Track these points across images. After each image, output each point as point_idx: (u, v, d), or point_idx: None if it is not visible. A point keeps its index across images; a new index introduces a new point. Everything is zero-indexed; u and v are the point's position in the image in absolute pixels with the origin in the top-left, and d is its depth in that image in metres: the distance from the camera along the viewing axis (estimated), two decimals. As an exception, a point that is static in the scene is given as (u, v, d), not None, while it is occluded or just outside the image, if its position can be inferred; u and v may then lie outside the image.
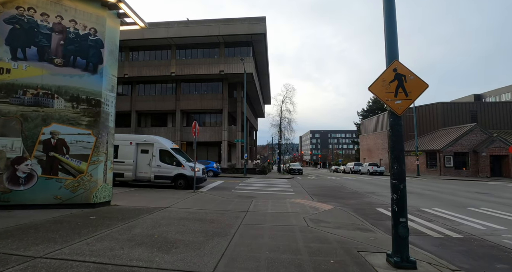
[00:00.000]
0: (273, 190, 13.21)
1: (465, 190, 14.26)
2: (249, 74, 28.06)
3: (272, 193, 11.96)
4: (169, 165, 11.97)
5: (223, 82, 30.49)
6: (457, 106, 34.09)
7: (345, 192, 13.13)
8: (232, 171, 26.70)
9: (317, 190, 13.94)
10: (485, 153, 26.61)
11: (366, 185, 16.76)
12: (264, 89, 47.32)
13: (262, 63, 36.46)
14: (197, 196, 9.66)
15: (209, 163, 21.34)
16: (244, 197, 9.97)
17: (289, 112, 39.86)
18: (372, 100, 57.43)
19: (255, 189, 13.55)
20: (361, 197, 11.36)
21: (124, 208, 7.08)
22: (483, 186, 17.62)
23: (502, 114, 32.90)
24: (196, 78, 30.25)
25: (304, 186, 15.97)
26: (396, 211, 3.55)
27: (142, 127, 32.02)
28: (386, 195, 12.02)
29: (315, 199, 10.41)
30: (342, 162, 61.32)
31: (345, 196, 11.65)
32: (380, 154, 41.61)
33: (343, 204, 9.32)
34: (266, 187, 14.48)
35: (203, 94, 30.77)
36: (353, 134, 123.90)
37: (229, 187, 13.90)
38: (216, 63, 28.61)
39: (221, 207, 7.64)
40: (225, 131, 29.62)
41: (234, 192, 11.71)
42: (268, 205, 8.24)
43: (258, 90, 38.94)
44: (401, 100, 3.60)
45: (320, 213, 7.13)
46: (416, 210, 8.43)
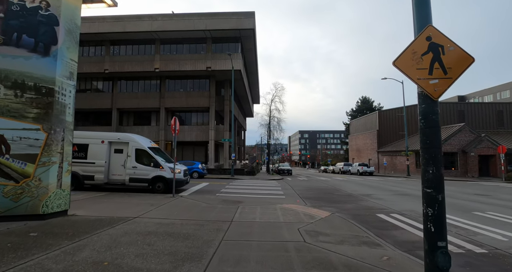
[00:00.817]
0: (262, 193, 12.18)
1: (462, 192, 13.71)
2: (237, 71, 26.96)
3: (261, 197, 10.92)
4: (146, 166, 10.71)
5: (210, 79, 29.24)
6: (445, 106, 34.21)
7: (339, 194, 12.26)
8: (219, 172, 25.51)
9: (309, 192, 13.02)
10: (474, 153, 26.62)
11: (359, 187, 16.01)
12: (253, 87, 46.30)
13: (251, 61, 35.43)
14: (176, 202, 8.48)
15: (194, 164, 20.10)
16: (230, 202, 8.87)
17: (279, 111, 39.06)
18: (360, 100, 57.53)
19: (242, 192, 12.47)
20: (357, 200, 10.49)
21: (82, 220, 5.85)
22: (476, 186, 17.26)
23: (488, 114, 33.27)
24: (181, 74, 28.85)
25: (295, 188, 15.03)
26: (431, 231, 2.58)
27: (124, 125, 30.28)
28: (383, 198, 11.23)
29: (308, 204, 9.45)
30: (331, 162, 61.12)
31: (340, 199, 10.76)
32: (369, 154, 41.42)
33: (340, 210, 8.40)
34: (255, 190, 13.43)
35: (189, 91, 29.41)
36: (341, 134, 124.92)
37: (214, 190, 12.76)
38: (202, 59, 27.34)
39: (202, 216, 6.52)
40: (212, 130, 28.40)
41: (219, 196, 10.59)
42: (256, 212, 7.19)
43: (246, 88, 37.88)
44: (438, 79, 2.63)
45: (316, 223, 6.13)
46: (420, 215, 7.57)
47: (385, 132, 38.00)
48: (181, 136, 29.14)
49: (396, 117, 36.81)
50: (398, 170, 32.94)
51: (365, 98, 56.76)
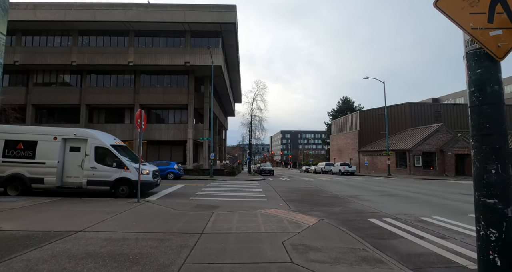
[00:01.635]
0: (242, 196, 11.11)
1: (448, 191, 13.44)
2: (217, 67, 25.71)
3: (240, 200, 9.85)
4: (108, 167, 9.27)
5: (189, 75, 27.74)
6: (423, 106, 34.96)
7: (324, 196, 11.46)
8: (198, 172, 24.12)
9: (292, 194, 12.13)
10: (451, 152, 27.17)
11: (343, 187, 15.38)
12: (234, 86, 45.12)
13: (232, 58, 34.24)
14: (139, 209, 7.21)
15: (169, 164, 18.65)
16: (204, 207, 7.73)
17: (260, 110, 38.07)
18: (341, 100, 58.06)
19: (220, 194, 11.33)
20: (344, 202, 9.71)
21: (5, 236, 4.49)
22: (458, 185, 17.25)
23: (462, 115, 34.33)
24: (158, 69, 27.11)
25: (277, 189, 14.11)
26: (496, 265, 1.64)
27: (95, 123, 28.02)
28: (370, 199, 10.55)
29: (292, 208, 8.51)
30: (312, 162, 61.23)
31: (326, 201, 9.94)
32: (350, 154, 41.61)
33: (328, 214, 7.53)
34: (234, 192, 12.33)
35: (166, 87, 27.72)
36: (322, 134, 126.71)
37: (188, 192, 11.51)
38: (181, 53, 25.79)
39: (166, 227, 5.35)
40: (191, 129, 26.93)
41: (192, 200, 9.39)
42: (233, 220, 6.11)
43: (228, 86, 36.65)
44: (502, 30, 1.71)
45: (304, 233, 5.17)
46: (416, 220, 6.89)
47: (366, 131, 38.26)
48: (158, 135, 27.46)
49: (376, 117, 37.14)
50: (378, 169, 33.15)
51: (346, 99, 57.35)
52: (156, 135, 27.55)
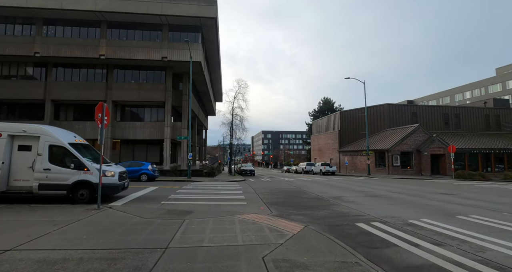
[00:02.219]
0: (220, 198, 10.29)
1: (428, 191, 13.40)
2: (196, 63, 24.63)
3: (217, 204, 9.02)
4: (64, 168, 8.09)
5: (166, 71, 26.39)
6: (400, 108, 35.84)
7: (307, 198, 10.91)
8: (175, 173, 22.89)
9: (274, 196, 11.47)
10: (427, 152, 27.91)
11: (326, 188, 14.98)
12: (215, 84, 44.02)
13: (213, 55, 33.19)
14: (97, 217, 6.20)
15: (142, 165, 17.38)
16: (175, 213, 6.84)
17: (242, 109, 37.18)
18: (322, 101, 58.62)
19: (196, 198, 10.43)
20: (329, 205, 9.19)
21: None
22: (436, 185, 17.47)
23: (436, 116, 35.58)
24: (133, 64, 25.53)
25: (258, 191, 13.40)
26: None
27: (62, 120, 25.88)
28: (354, 200, 10.13)
29: (274, 211, 7.83)
30: (294, 162, 61.34)
31: (309, 204, 9.36)
32: (330, 154, 41.89)
33: (312, 219, 6.92)
34: (211, 194, 11.47)
35: (142, 83, 26.17)
36: (303, 135, 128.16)
37: (161, 196, 10.50)
38: (158, 48, 24.41)
39: (124, 241, 4.44)
40: (168, 128, 25.61)
41: (163, 205, 8.44)
42: (206, 229, 5.31)
43: (208, 84, 35.53)
44: None
45: (288, 244, 4.48)
46: (405, 223, 6.44)
47: (346, 132, 38.64)
48: (132, 134, 25.87)
49: (356, 117, 37.60)
50: (358, 169, 33.50)
51: (326, 99, 57.98)
52: (131, 134, 25.97)
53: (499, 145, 30.97)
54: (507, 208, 8.57)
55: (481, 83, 58.60)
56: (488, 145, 30.50)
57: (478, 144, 30.74)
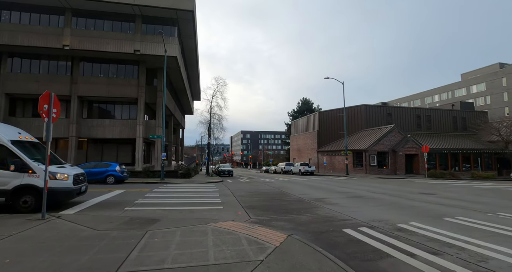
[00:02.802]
0: (193, 203, 9.34)
1: (407, 191, 13.33)
2: (172, 58, 23.29)
3: (190, 209, 8.09)
4: (2, 170, 6.77)
5: (139, 66, 24.76)
6: (377, 109, 36.68)
7: (288, 200, 10.27)
8: (147, 175, 21.41)
9: (253, 198, 10.72)
10: (402, 152, 28.65)
11: (307, 189, 14.49)
12: (193, 82, 42.46)
13: (190, 51, 31.83)
14: (37, 230, 5.06)
15: (109, 166, 15.87)
16: (138, 222, 5.86)
17: (220, 108, 36.07)
18: (301, 101, 58.96)
19: (166, 202, 9.40)
20: (311, 208, 8.60)
21: None
22: (412, 184, 17.66)
23: (409, 118, 36.84)
24: (102, 56, 23.61)
25: (236, 193, 12.59)
26: None
27: (18, 116, 23.38)
28: (337, 202, 9.64)
29: (253, 217, 7.07)
30: (272, 162, 61.11)
31: (291, 207, 8.71)
32: (309, 154, 42.02)
33: (295, 225, 6.25)
34: (184, 198, 10.48)
35: (112, 78, 24.32)
36: (282, 135, 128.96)
37: (126, 201, 9.35)
38: (130, 40, 22.72)
39: (58, 264, 3.45)
40: (141, 126, 24.01)
41: (126, 212, 7.37)
42: (172, 243, 4.42)
43: (185, 82, 34.08)
44: None
45: (269, 260, 3.73)
46: (394, 228, 5.96)
47: (325, 132, 38.90)
48: (101, 132, 23.95)
49: (335, 118, 37.97)
50: (337, 169, 33.76)
51: (305, 100, 58.40)
52: (99, 132, 24.03)
53: (466, 145, 32.63)
54: (488, 208, 8.48)
55: (448, 87, 62.09)
56: (456, 146, 32.00)
57: (447, 144, 32.16)
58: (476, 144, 33.46)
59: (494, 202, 9.90)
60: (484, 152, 32.16)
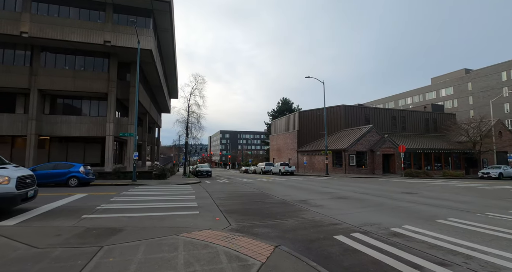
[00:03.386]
0: (166, 208, 8.34)
1: (390, 190, 13.17)
2: (146, 51, 21.83)
3: (161, 215, 7.11)
4: None
5: (110, 58, 22.98)
6: (355, 109, 37.24)
7: (271, 202, 9.56)
8: (118, 176, 19.80)
9: (232, 201, 9.89)
10: (379, 152, 29.16)
11: (289, 190, 13.90)
12: (170, 79, 40.69)
13: (167, 45, 30.27)
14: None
15: (71, 167, 14.26)
16: (94, 235, 4.83)
17: (198, 106, 34.71)
18: (281, 101, 58.88)
19: (134, 207, 8.32)
20: (297, 211, 7.94)
21: None
22: (392, 183, 17.73)
23: (386, 119, 37.83)
24: (67, 46, 21.59)
25: (214, 195, 11.68)
26: None
27: (-34, 111, 20.69)
28: (323, 204, 9.09)
29: (233, 223, 6.27)
30: (252, 162, 60.45)
31: (275, 210, 8.00)
32: (289, 154, 41.84)
33: (282, 232, 5.53)
34: (157, 202, 9.42)
35: (79, 70, 22.31)
36: (262, 135, 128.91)
37: (86, 207, 8.13)
38: (99, 30, 20.92)
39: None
40: (111, 123, 22.26)
41: (83, 221, 6.25)
42: (132, 262, 3.50)
43: (161, 78, 32.44)
44: None
45: (256, 284, 2.95)
46: (389, 233, 5.43)
47: (305, 132, 38.87)
48: (66, 130, 21.90)
49: (315, 118, 38.06)
50: (316, 169, 33.77)
51: (285, 100, 58.36)
52: (64, 130, 21.96)
53: (438, 145, 34.03)
54: (474, 208, 8.33)
55: (420, 91, 65.12)
56: (429, 146, 33.26)
57: (421, 144, 33.33)
58: (446, 144, 35.03)
59: (476, 201, 9.88)
60: (454, 152, 33.71)
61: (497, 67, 48.85)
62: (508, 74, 46.95)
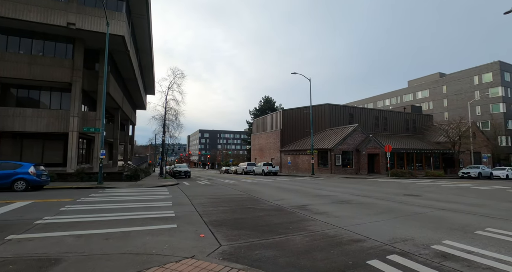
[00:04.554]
0: (132, 219, 6.50)
1: (389, 192, 12.14)
2: (118, 37, 19.51)
3: (123, 232, 5.29)
4: None
5: (75, 44, 20.32)
6: (340, 108, 36.74)
7: (264, 209, 8.02)
8: (81, 178, 17.27)
9: (218, 208, 8.22)
10: (365, 152, 28.69)
11: (279, 193, 12.44)
12: (146, 73, 37.87)
13: (142, 34, 27.76)
14: None
15: (19, 167, 11.78)
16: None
17: (177, 102, 32.28)
18: (263, 99, 57.61)
19: (88, 220, 6.39)
20: (300, 221, 6.45)
21: None
22: (384, 184, 16.90)
23: (369, 119, 37.75)
24: (22, 27, 18.69)
25: (195, 200, 9.93)
26: None
27: None
28: (326, 211, 7.69)
29: (223, 242, 4.64)
30: (233, 162, 58.62)
31: (273, 221, 6.46)
32: (272, 154, 40.59)
33: (292, 256, 3.98)
34: (122, 211, 7.51)
35: (37, 56, 19.44)
36: (242, 135, 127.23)
37: (20, 221, 6.09)
38: (62, 10, 18.26)
39: None
40: (76, 118, 19.65)
41: (4, 245, 4.32)
42: None
43: (136, 71, 29.83)
44: None
45: None
46: (434, 253, 4.08)
47: (288, 131, 37.80)
48: (20, 124, 18.99)
49: (299, 116, 37.12)
50: (300, 169, 32.76)
51: (267, 98, 57.16)
52: (17, 125, 19.03)
53: (418, 146, 34.40)
54: (499, 213, 7.35)
55: (397, 93, 66.88)
56: (410, 146, 33.49)
57: (403, 144, 33.48)
58: (426, 144, 35.56)
59: (490, 204, 9.01)
60: (434, 152, 34.23)
61: (469, 71, 51.02)
62: (480, 78, 49.18)
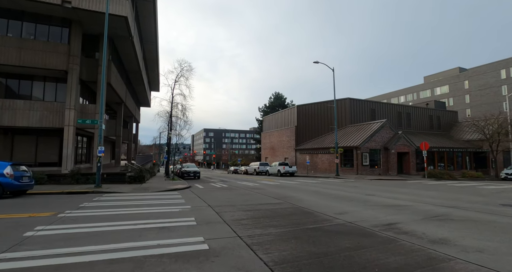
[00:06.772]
0: (140, 248, 3.80)
1: (469, 200, 9.29)
2: (120, 19, 17.03)
3: None
4: None
5: (72, 27, 17.83)
6: (361, 103, 33.79)
7: (340, 232, 5.30)
8: (76, 180, 14.66)
9: (269, 231, 5.49)
10: (394, 150, 25.79)
11: (327, 201, 9.67)
12: (150, 67, 35.26)
13: (148, 20, 25.15)
14: None
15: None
16: None
17: (184, 97, 29.56)
18: (273, 96, 54.81)
19: (70, 251, 3.72)
20: (427, 261, 3.72)
21: None
22: (444, 188, 14.01)
23: (392, 115, 34.73)
24: (10, 5, 16.26)
25: (226, 215, 7.23)
26: None
27: None
28: (430, 233, 4.90)
29: None
30: (241, 162, 55.96)
31: (379, 261, 3.74)
32: (285, 152, 37.80)
33: None
34: (122, 234, 4.85)
35: (27, 39, 16.99)
36: (247, 134, 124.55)
37: None
38: (55, -14, 15.77)
39: None
40: (72, 110, 17.22)
41: None
42: None
43: (141, 63, 27.34)
44: None
45: None
46: None
47: (304, 128, 34.98)
48: (9, 119, 16.57)
49: (316, 112, 34.31)
50: (319, 169, 29.93)
51: (278, 94, 54.35)
52: (6, 119, 16.63)
53: (447, 144, 31.37)
54: None
55: (413, 89, 63.60)
56: (439, 144, 30.49)
57: (431, 143, 30.48)
58: (454, 142, 32.52)
59: None
60: (467, 151, 31.19)
61: (495, 64, 47.67)
62: (508, 71, 45.81)
